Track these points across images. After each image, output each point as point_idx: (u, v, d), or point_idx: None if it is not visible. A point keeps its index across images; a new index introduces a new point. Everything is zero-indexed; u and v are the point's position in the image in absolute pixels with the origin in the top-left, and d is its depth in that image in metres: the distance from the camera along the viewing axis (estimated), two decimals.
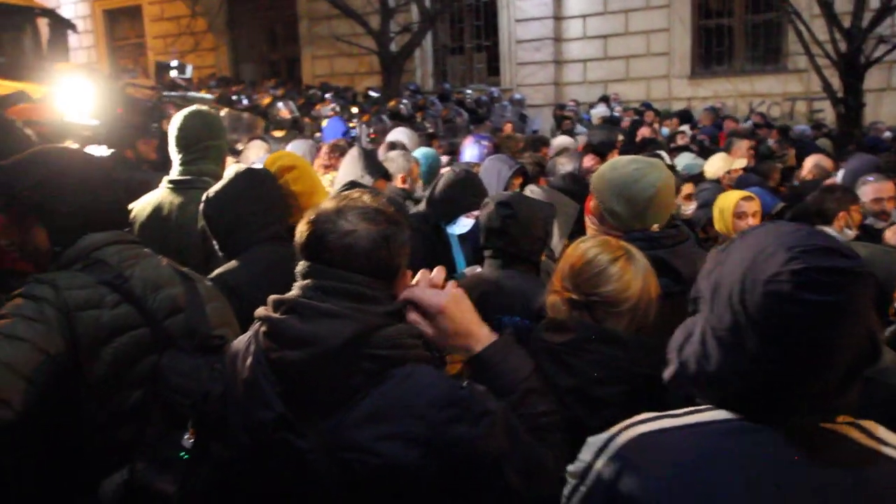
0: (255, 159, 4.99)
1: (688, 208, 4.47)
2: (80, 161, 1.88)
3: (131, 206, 2.79)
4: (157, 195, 2.95)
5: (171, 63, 4.56)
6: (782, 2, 11.41)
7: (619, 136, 6.14)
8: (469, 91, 13.63)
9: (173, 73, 4.53)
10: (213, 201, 2.48)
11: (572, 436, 1.62)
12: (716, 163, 5.56)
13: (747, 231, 1.17)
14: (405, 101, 10.73)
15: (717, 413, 1.12)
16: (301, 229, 1.45)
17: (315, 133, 8.46)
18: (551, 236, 2.71)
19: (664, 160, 3.39)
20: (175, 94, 4.72)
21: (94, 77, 6.32)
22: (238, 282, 2.25)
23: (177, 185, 2.93)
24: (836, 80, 10.56)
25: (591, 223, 2.47)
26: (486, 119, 11.77)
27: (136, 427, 1.72)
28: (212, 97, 5.41)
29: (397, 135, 5.82)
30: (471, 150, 5.43)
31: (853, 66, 10.24)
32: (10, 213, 1.81)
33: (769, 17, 13.90)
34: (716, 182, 5.22)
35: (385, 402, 1.34)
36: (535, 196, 3.23)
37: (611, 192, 2.33)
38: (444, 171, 4.09)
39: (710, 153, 6.23)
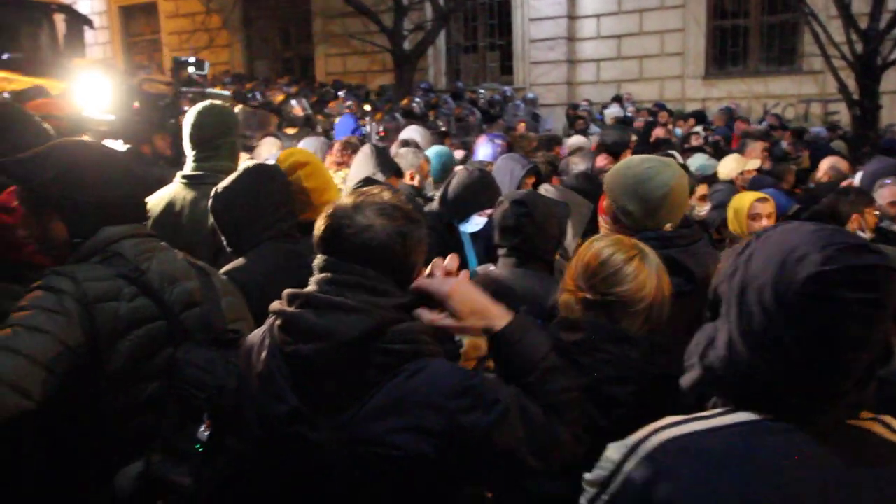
0: (268, 156, 5.02)
1: (702, 209, 4.45)
2: (98, 154, 1.88)
3: (146, 201, 2.81)
4: (170, 190, 2.97)
5: (189, 59, 4.57)
6: (799, 2, 11.33)
7: (633, 137, 6.12)
8: (482, 91, 13.63)
9: (190, 70, 4.55)
10: (221, 197, 2.47)
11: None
12: (729, 164, 5.52)
13: (765, 233, 1.15)
14: (418, 100, 10.74)
15: (744, 414, 1.11)
16: (319, 224, 1.46)
17: (328, 130, 8.48)
18: (565, 235, 2.70)
19: (676, 160, 3.37)
20: (192, 90, 4.72)
21: (110, 73, 6.36)
22: (245, 279, 2.25)
23: (190, 180, 2.95)
24: (851, 82, 10.49)
25: (604, 222, 2.47)
26: (499, 118, 11.77)
27: (151, 419, 1.73)
28: (229, 94, 5.42)
29: (410, 133, 5.82)
30: (484, 149, 5.43)
31: (869, 68, 10.16)
32: (30, 204, 1.82)
33: (785, 18, 13.81)
34: (730, 183, 5.19)
35: (398, 394, 1.35)
36: (548, 195, 3.23)
37: (624, 190, 2.33)
38: (457, 169, 4.10)
39: (724, 154, 6.20)
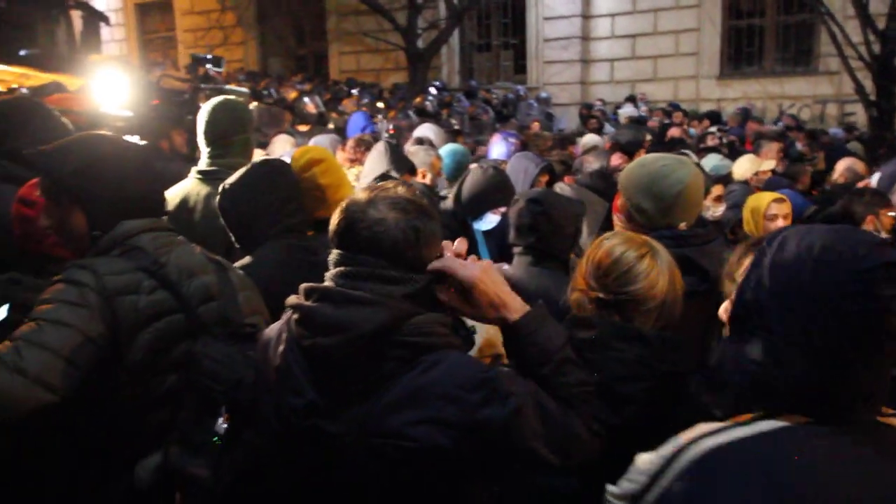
0: (282, 153, 5.04)
1: (717, 210, 4.43)
2: (120, 149, 1.90)
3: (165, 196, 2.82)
4: (185, 186, 2.98)
5: (207, 56, 4.60)
6: (816, 2, 11.24)
7: (648, 136, 6.09)
8: (496, 92, 13.61)
9: (208, 66, 4.58)
10: (228, 192, 2.46)
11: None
12: (743, 164, 5.49)
13: (775, 238, 1.13)
14: (431, 98, 10.74)
15: (783, 420, 1.08)
16: (333, 219, 1.46)
17: (342, 128, 8.50)
18: (581, 234, 2.70)
19: (692, 160, 3.36)
20: (210, 86, 4.75)
21: (126, 69, 6.40)
22: (253, 276, 2.22)
23: (204, 176, 2.96)
24: (868, 83, 10.40)
25: (618, 221, 2.46)
26: (512, 117, 11.75)
27: (170, 412, 1.75)
28: (247, 91, 5.45)
29: (424, 131, 5.82)
30: (498, 148, 5.43)
31: (887, 69, 10.08)
32: (51, 195, 1.84)
33: (801, 18, 13.71)
34: (744, 184, 5.16)
35: (416, 387, 1.35)
36: (563, 194, 3.23)
37: (638, 188, 2.33)
38: (471, 167, 4.10)
39: (739, 155, 6.16)
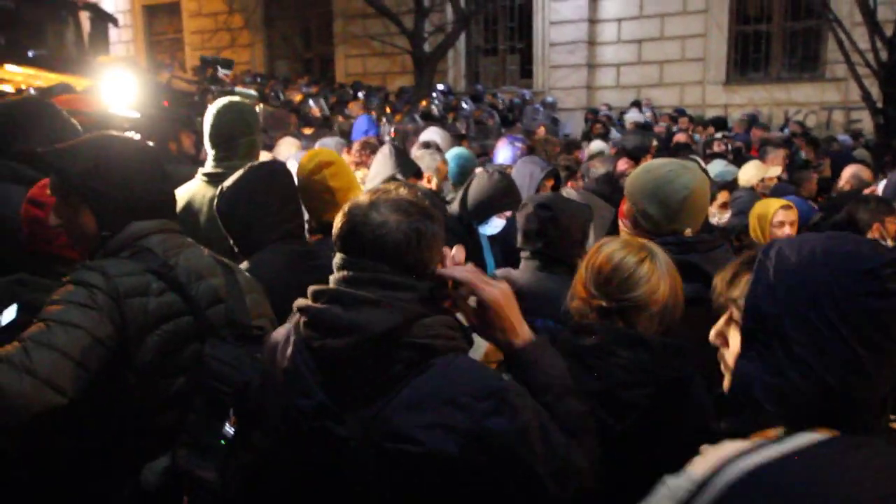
0: (287, 156, 5.05)
1: (723, 217, 4.43)
2: (132, 150, 1.90)
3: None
4: (191, 187, 2.98)
5: (217, 58, 4.64)
6: (823, 9, 11.23)
7: (654, 142, 6.09)
8: (501, 96, 13.61)
9: (218, 68, 4.61)
10: (225, 196, 2.44)
11: (597, 442, 1.62)
12: (749, 170, 5.49)
13: (771, 249, 1.11)
14: (437, 102, 10.75)
15: (810, 434, 1.05)
16: (336, 222, 1.46)
17: (347, 131, 8.52)
18: (588, 239, 2.70)
19: (700, 165, 3.35)
20: (219, 88, 4.77)
21: (135, 70, 6.43)
22: None
23: (210, 178, 2.95)
24: (875, 90, 10.38)
25: (624, 226, 2.46)
26: (518, 121, 11.75)
27: (178, 414, 1.75)
28: (255, 93, 5.48)
29: (430, 134, 5.81)
30: (504, 152, 5.42)
31: (894, 76, 10.05)
32: (62, 194, 1.84)
33: (808, 25, 13.68)
34: (750, 190, 5.16)
35: (426, 391, 1.35)
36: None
37: (644, 193, 2.32)
38: (477, 171, 4.10)
39: (745, 161, 6.15)
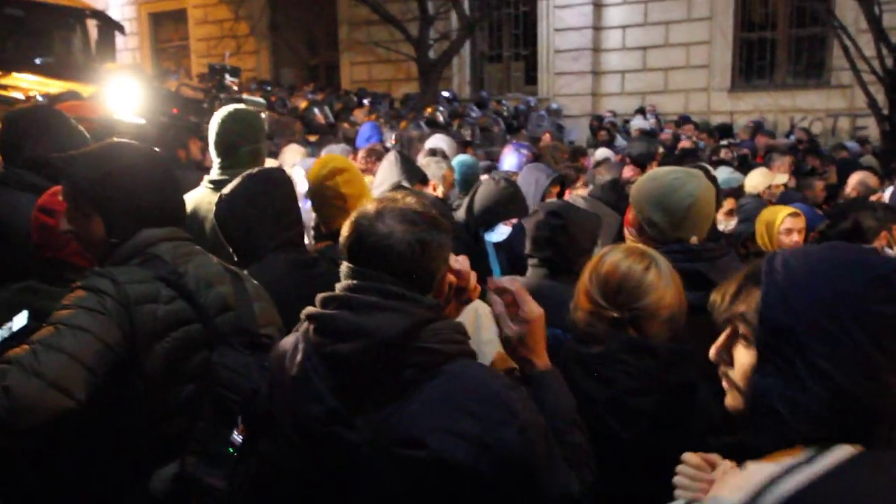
0: (293, 163, 5.08)
1: (729, 223, 4.42)
2: (143, 158, 1.91)
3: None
4: (196, 195, 2.98)
5: (225, 66, 4.67)
6: (829, 16, 11.23)
7: (660, 149, 6.09)
8: (506, 103, 13.63)
9: (226, 76, 4.65)
10: (223, 204, 2.43)
11: (604, 451, 1.62)
12: (756, 178, 5.48)
13: (774, 261, 1.09)
14: (442, 109, 10.77)
15: (838, 452, 1.02)
16: (343, 230, 1.47)
17: (353, 138, 8.56)
18: (596, 247, 2.70)
19: (709, 172, 3.33)
20: (227, 96, 4.80)
21: (142, 78, 6.46)
22: None
23: (215, 185, 2.95)
24: (881, 97, 10.37)
25: (629, 234, 2.46)
26: (522, 128, 11.76)
27: (187, 421, 1.75)
28: (263, 101, 5.51)
29: (436, 141, 5.83)
30: (510, 159, 5.44)
31: None
32: (74, 200, 1.85)
33: (813, 32, 13.67)
34: (757, 197, 5.15)
35: (436, 396, 1.35)
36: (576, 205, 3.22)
37: (649, 201, 2.32)
38: (483, 178, 4.11)
39: (751, 168, 6.15)
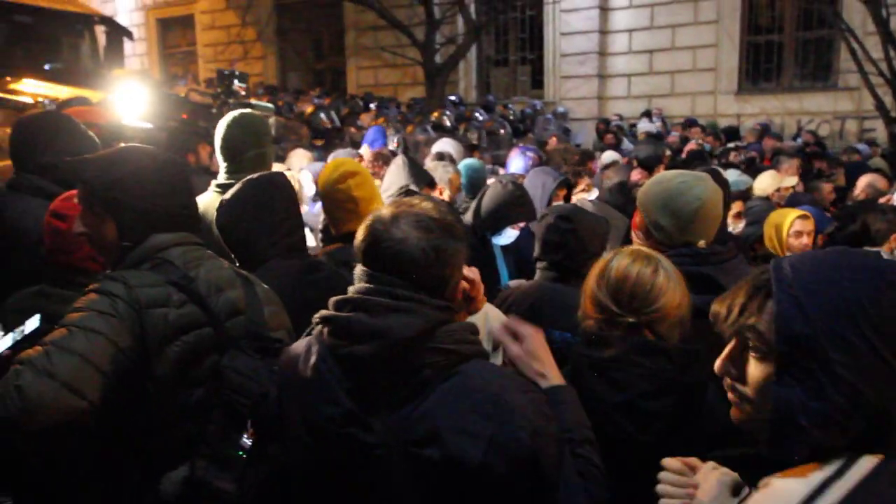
0: (299, 167, 5.10)
1: (737, 227, 4.41)
2: (158, 163, 1.92)
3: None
4: (205, 199, 2.99)
5: (234, 71, 4.71)
6: (836, 18, 11.20)
7: (667, 152, 6.08)
8: (512, 107, 13.63)
9: (235, 81, 4.68)
10: (225, 209, 2.42)
11: (620, 455, 1.62)
12: (765, 180, 5.46)
13: (786, 267, 1.08)
14: (448, 113, 10.78)
15: (863, 463, 1.02)
16: (358, 234, 1.47)
17: (359, 142, 8.59)
18: (604, 251, 2.70)
19: (721, 175, 3.30)
20: (236, 101, 4.82)
21: (151, 83, 6.50)
22: None
23: (222, 189, 2.96)
24: (889, 99, 10.33)
25: (637, 238, 2.46)
26: (529, 132, 11.76)
27: (197, 425, 1.75)
28: (271, 106, 5.54)
29: (444, 145, 5.83)
30: (517, 162, 5.43)
31: None
32: (88, 203, 1.86)
33: (820, 34, 13.63)
34: (765, 199, 5.14)
35: (453, 396, 1.36)
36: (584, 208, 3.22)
37: (656, 205, 2.32)
38: (490, 182, 4.11)
39: (758, 171, 6.14)
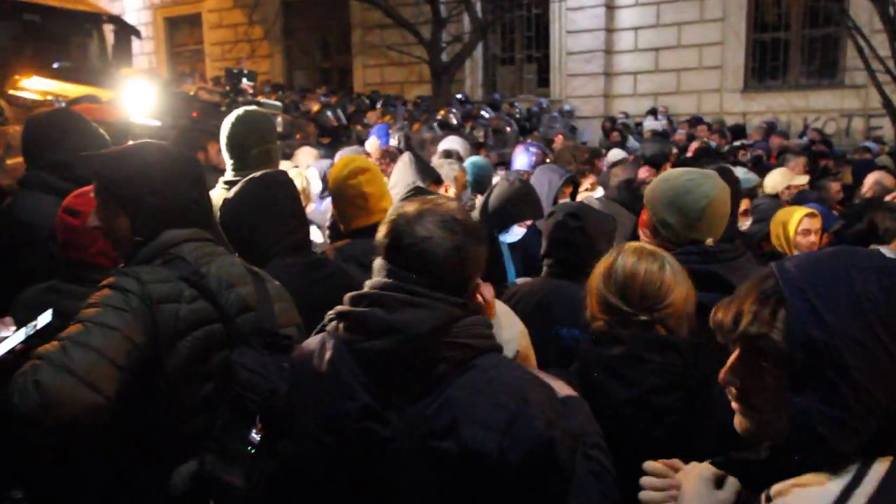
0: (306, 165, 5.11)
1: (744, 224, 4.40)
2: (171, 159, 1.93)
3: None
4: (214, 195, 2.96)
5: (242, 69, 4.73)
6: (842, 16, 11.15)
7: (674, 149, 6.07)
8: (518, 105, 13.62)
9: (243, 79, 4.71)
10: (228, 207, 2.42)
11: (633, 452, 1.63)
12: (775, 178, 5.45)
13: (789, 268, 1.07)
14: (454, 111, 10.78)
15: (878, 468, 1.01)
16: (381, 228, 1.48)
17: (366, 140, 8.61)
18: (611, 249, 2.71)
19: (731, 173, 3.28)
20: (244, 99, 4.85)
21: (158, 82, 6.52)
22: None
23: (229, 185, 2.94)
24: (895, 97, 10.29)
25: (644, 236, 2.45)
26: (535, 130, 11.75)
27: (206, 420, 1.77)
28: (279, 104, 5.55)
29: (450, 143, 5.84)
30: (521, 158, 5.44)
31: None
32: (103, 198, 1.88)
33: (827, 32, 13.58)
34: (774, 197, 5.13)
35: (470, 389, 1.37)
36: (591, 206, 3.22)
37: (663, 203, 2.32)
38: (496, 179, 4.11)
39: (765, 169, 6.13)
